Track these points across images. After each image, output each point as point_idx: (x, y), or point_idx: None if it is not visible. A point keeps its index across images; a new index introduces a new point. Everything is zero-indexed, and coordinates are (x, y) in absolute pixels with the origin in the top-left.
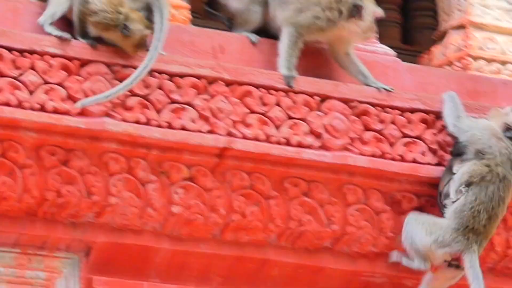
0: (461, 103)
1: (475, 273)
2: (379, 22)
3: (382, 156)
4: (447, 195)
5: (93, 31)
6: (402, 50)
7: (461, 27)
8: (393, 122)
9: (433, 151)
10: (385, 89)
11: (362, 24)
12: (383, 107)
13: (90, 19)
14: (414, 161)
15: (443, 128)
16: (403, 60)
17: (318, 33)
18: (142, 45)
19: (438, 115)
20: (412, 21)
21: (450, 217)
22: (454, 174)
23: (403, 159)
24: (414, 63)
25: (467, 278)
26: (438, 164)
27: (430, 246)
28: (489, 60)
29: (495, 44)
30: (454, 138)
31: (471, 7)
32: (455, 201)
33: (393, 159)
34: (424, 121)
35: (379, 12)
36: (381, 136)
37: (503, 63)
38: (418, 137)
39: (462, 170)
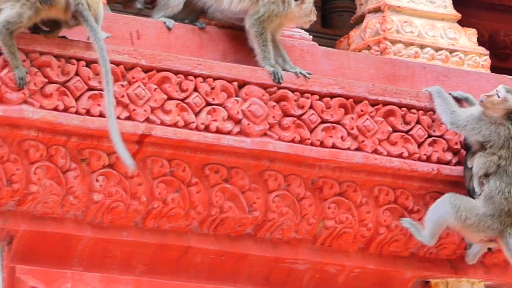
0: (448, 96)
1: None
2: (329, 11)
3: (302, 141)
4: (473, 191)
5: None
6: (321, 34)
7: (378, 10)
8: (312, 107)
9: (353, 136)
10: (303, 74)
11: (305, 8)
12: (301, 92)
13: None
14: (334, 146)
15: (363, 112)
16: (323, 45)
17: (276, 19)
18: (68, 7)
19: (356, 100)
20: (332, 4)
21: (484, 205)
22: (470, 168)
23: (322, 145)
24: (334, 47)
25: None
26: (358, 149)
27: (463, 229)
28: (407, 44)
29: (412, 27)
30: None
31: None
32: (481, 193)
33: (312, 144)
34: (343, 106)
35: None
36: (300, 122)
37: (421, 46)
38: (337, 122)
39: (475, 165)
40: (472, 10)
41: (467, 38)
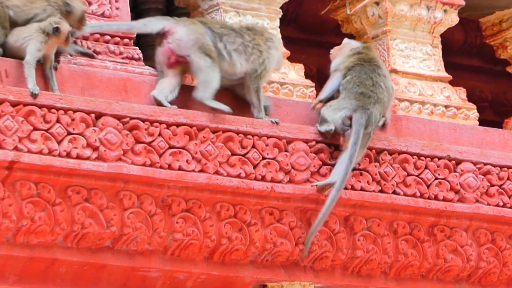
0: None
1: (356, 129)
2: (144, 45)
3: (152, 165)
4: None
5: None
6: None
7: None
8: (160, 135)
9: (197, 160)
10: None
11: None
12: (151, 122)
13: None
14: (180, 169)
15: (205, 139)
16: None
17: None
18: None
19: (199, 128)
20: (148, 39)
21: (342, 91)
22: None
23: (170, 167)
24: None
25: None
26: (202, 171)
27: (332, 117)
28: None
29: None
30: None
31: None
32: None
33: (161, 167)
34: (187, 133)
35: None
36: (150, 148)
37: None
38: (183, 148)
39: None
40: (301, 47)
41: (296, 72)
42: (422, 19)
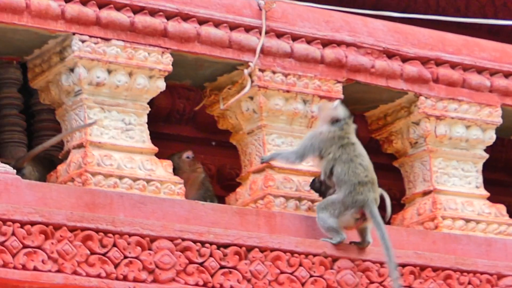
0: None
1: (377, 222)
2: (4, 142)
3: (5, 265)
4: (326, 189)
5: None
6: None
7: (81, 146)
8: (14, 235)
9: (53, 259)
10: None
11: None
12: (3, 221)
13: None
14: (35, 269)
15: (62, 238)
16: None
17: None
18: None
19: (56, 227)
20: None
21: (339, 191)
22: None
23: (25, 268)
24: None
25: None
26: (58, 271)
27: (338, 219)
28: (106, 175)
29: (112, 161)
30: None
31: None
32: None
33: (15, 267)
34: (43, 232)
35: None
36: (3, 247)
37: (120, 177)
38: (39, 247)
39: (322, 172)
40: (200, 147)
41: (164, 169)
42: (299, 113)
